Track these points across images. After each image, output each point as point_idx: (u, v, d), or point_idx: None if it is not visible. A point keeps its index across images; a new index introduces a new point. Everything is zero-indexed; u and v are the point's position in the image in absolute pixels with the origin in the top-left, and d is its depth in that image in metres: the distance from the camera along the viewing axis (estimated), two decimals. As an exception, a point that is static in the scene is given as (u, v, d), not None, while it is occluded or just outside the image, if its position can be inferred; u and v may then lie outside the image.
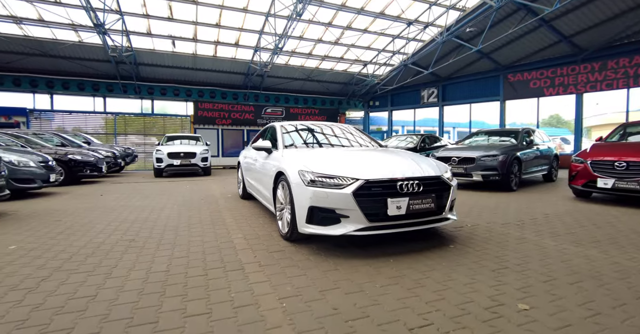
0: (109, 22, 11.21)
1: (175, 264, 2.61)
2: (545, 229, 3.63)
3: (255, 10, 12.17)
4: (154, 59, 14.96)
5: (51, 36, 12.56)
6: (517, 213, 4.52)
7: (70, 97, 15.70)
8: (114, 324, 1.72)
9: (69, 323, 1.74)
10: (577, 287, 2.14)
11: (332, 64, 17.26)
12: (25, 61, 13.58)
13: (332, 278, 2.31)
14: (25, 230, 3.66)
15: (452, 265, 2.55)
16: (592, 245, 3.05)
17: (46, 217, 4.32)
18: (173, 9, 11.78)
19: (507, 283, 2.20)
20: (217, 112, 18.00)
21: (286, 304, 1.92)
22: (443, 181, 3.02)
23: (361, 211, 2.65)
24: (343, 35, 14.33)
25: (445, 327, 1.67)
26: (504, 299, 1.97)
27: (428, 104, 17.87)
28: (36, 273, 2.44)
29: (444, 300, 1.96)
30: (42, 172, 6.22)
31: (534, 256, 2.76)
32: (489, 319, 1.75)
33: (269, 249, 2.96)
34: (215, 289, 2.14)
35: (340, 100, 20.59)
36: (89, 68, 14.59)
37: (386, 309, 1.86)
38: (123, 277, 2.35)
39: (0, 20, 11.48)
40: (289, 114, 19.60)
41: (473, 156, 6.69)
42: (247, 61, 15.63)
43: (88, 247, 3.04)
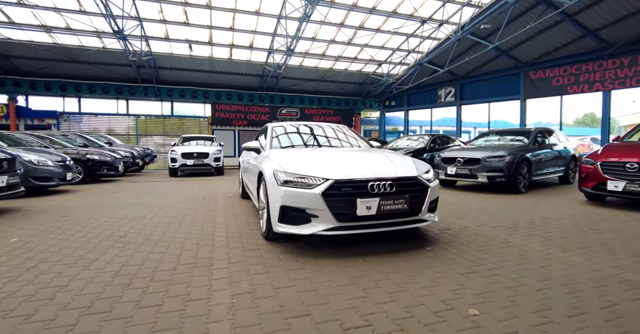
0: (129, 28, 11.76)
1: (151, 259, 2.72)
2: (538, 234, 3.47)
3: (267, 13, 12.35)
4: (172, 63, 15.51)
5: (77, 43, 13.32)
6: (515, 216, 4.35)
7: (96, 100, 16.59)
8: (69, 312, 1.83)
9: (32, 310, 1.86)
10: (542, 294, 2.05)
11: (346, 64, 17.22)
12: (55, 67, 14.48)
13: (292, 277, 2.33)
14: (32, 224, 3.93)
15: (420, 267, 2.51)
16: (581, 251, 2.89)
17: (54, 213, 4.61)
18: (188, 14, 12.18)
19: (469, 288, 2.14)
20: (233, 113, 18.42)
21: (236, 301, 1.96)
22: (420, 182, 2.97)
23: (330, 211, 2.66)
24: (356, 35, 14.27)
25: (382, 329, 1.65)
26: (458, 304, 1.92)
27: (445, 103, 17.44)
28: (24, 263, 2.62)
29: (394, 302, 1.94)
30: (59, 171, 6.62)
31: (512, 260, 2.66)
32: (432, 323, 1.71)
33: (245, 247, 3.02)
34: (177, 283, 2.22)
35: (355, 100, 20.50)
36: (112, 72, 15.35)
37: (331, 308, 1.86)
38: (98, 269, 2.48)
39: (33, 30, 12.32)
40: (304, 115, 19.73)
41: (478, 157, 6.49)
42: (261, 63, 15.89)
43: (79, 241, 3.22)
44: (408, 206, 2.83)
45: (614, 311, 1.82)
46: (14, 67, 14.33)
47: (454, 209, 4.85)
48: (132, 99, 17.02)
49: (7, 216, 4.41)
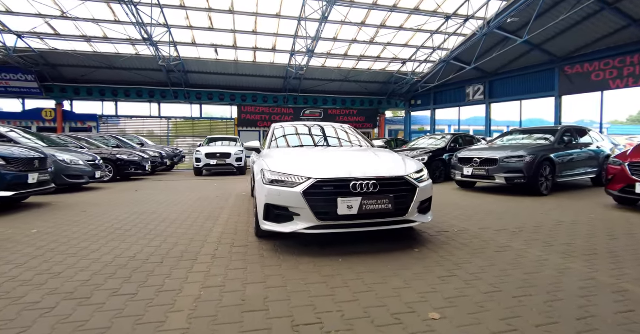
0: (158, 34, 12.42)
1: (144, 251, 2.88)
2: (542, 239, 3.26)
3: (288, 15, 12.53)
4: (200, 67, 16.17)
5: (114, 51, 14.28)
6: (526, 219, 4.10)
7: (131, 103, 17.67)
8: (54, 297, 1.99)
9: (24, 293, 2.04)
10: (517, 301, 1.93)
11: (369, 64, 17.05)
12: (95, 74, 15.63)
13: (267, 273, 2.37)
14: (54, 218, 4.29)
15: (399, 269, 2.45)
16: (583, 258, 2.68)
17: (76, 208, 5.00)
18: (213, 19, 12.65)
19: (441, 292, 2.06)
20: (258, 115, 18.86)
21: (204, 293, 2.04)
22: (407, 182, 2.90)
23: (311, 210, 2.67)
24: (378, 34, 14.09)
25: (332, 327, 1.64)
26: (421, 307, 1.86)
27: (474, 101, 16.74)
28: (35, 252, 2.87)
29: (356, 302, 1.92)
30: (89, 169, 7.15)
31: (500, 265, 2.52)
32: (385, 324, 1.67)
33: (234, 244, 3.11)
34: (157, 274, 2.34)
35: (380, 100, 20.23)
36: (145, 77, 16.28)
37: (291, 305, 1.88)
38: (94, 259, 2.66)
39: (76, 40, 13.38)
40: (327, 115, 19.78)
41: (495, 157, 6.18)
42: (284, 65, 16.14)
43: (88, 234, 3.47)
44: (392, 206, 2.77)
45: (590, 323, 1.68)
46: (60, 75, 15.64)
47: (462, 211, 4.66)
48: (164, 102, 17.93)
49: (36, 210, 4.84)
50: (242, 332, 1.61)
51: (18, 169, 4.66)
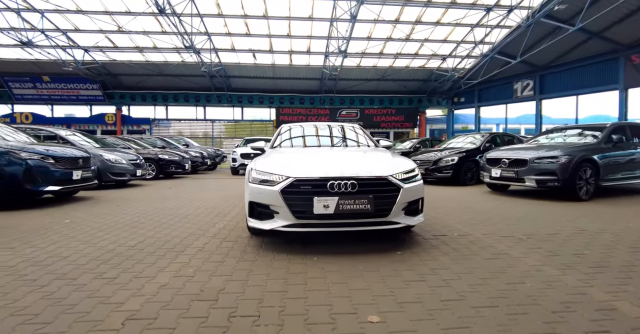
0: (199, 42, 13.30)
1: (145, 242, 3.15)
2: (549, 247, 2.96)
3: (320, 17, 12.68)
4: (240, 71, 16.99)
5: (163, 59, 15.58)
6: (542, 226, 3.75)
7: (180, 107, 19.12)
8: (49, 276, 2.27)
9: (29, 272, 2.37)
10: (475, 311, 1.80)
11: (406, 61, 16.60)
12: (148, 81, 17.17)
13: (238, 267, 2.47)
14: (88, 210, 4.84)
15: (368, 270, 2.40)
16: (586, 271, 2.40)
17: (112, 202, 5.58)
18: (249, 25, 13.24)
19: (397, 296, 1.99)
20: (295, 116, 19.28)
21: (171, 281, 2.19)
22: (390, 182, 2.82)
23: (288, 208, 2.72)
24: (414, 31, 13.66)
25: (266, 321, 1.68)
26: (366, 309, 1.82)
27: (522, 98, 15.47)
28: (57, 238, 3.29)
29: (302, 299, 1.93)
30: (130, 168, 7.92)
31: (482, 274, 2.35)
32: (318, 323, 1.67)
33: (225, 239, 3.27)
34: (143, 263, 2.56)
35: (419, 98, 19.57)
36: (191, 83, 17.51)
37: (240, 298, 1.95)
38: (100, 247, 2.98)
39: (131, 51, 14.85)
40: (364, 115, 19.62)
41: (525, 158, 5.69)
42: (319, 67, 16.33)
43: (107, 225, 3.87)
44: (372, 206, 2.71)
45: (542, 339, 1.52)
46: (119, 83, 17.45)
47: (474, 215, 4.38)
48: (209, 106, 19.13)
49: (79, 203, 5.49)
50: (182, 317, 1.72)
51: (65, 167, 5.33)
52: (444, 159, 8.06)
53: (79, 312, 1.80)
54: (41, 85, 16.62)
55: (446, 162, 8.03)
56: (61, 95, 17.09)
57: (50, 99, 17.33)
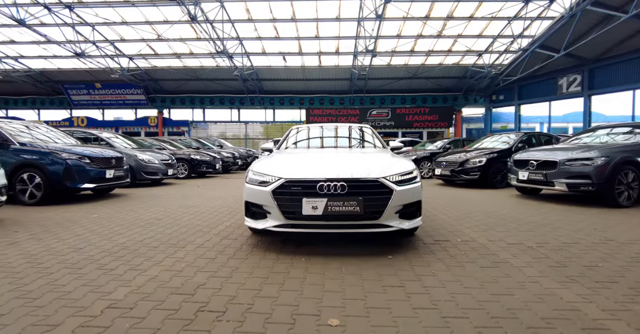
0: (231, 46, 13.84)
1: (153, 238, 3.36)
2: (559, 258, 2.73)
3: (347, 17, 12.64)
4: (271, 74, 17.42)
5: (199, 64, 16.41)
6: (563, 235, 3.46)
7: (216, 110, 20.01)
8: (60, 265, 2.51)
9: (44, 260, 2.64)
10: (445, 322, 1.72)
11: (439, 59, 16.02)
12: (186, 85, 18.18)
13: (227, 264, 2.56)
14: (116, 206, 5.25)
15: (350, 273, 2.38)
16: (590, 285, 2.18)
17: (139, 199, 6.00)
18: (278, 28, 13.54)
19: (368, 301, 1.95)
20: (325, 117, 19.38)
21: (160, 275, 2.33)
22: (382, 184, 2.76)
23: (278, 209, 2.77)
24: (446, 27, 13.16)
25: (229, 317, 1.73)
26: (331, 312, 1.81)
27: (568, 94, 14.26)
28: (80, 231, 3.62)
29: (272, 298, 1.96)
30: (162, 167, 8.44)
31: (470, 283, 2.23)
32: (277, 322, 1.69)
33: (227, 237, 3.39)
34: (143, 256, 2.74)
35: (455, 96, 18.79)
36: (225, 86, 18.26)
37: (216, 294, 2.02)
38: (112, 240, 3.23)
39: (169, 57, 15.82)
40: (395, 115, 19.23)
41: (554, 159, 5.26)
42: (349, 67, 16.27)
43: (127, 220, 4.18)
44: (361, 208, 2.68)
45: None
46: (160, 88, 18.65)
47: (490, 220, 4.14)
48: (242, 108, 19.83)
49: (110, 199, 5.97)
50: (155, 309, 1.83)
51: (99, 166, 5.83)
52: (471, 160, 7.67)
53: (71, 298, 1.98)
54: (94, 91, 18.26)
55: (473, 163, 7.64)
56: (110, 100, 18.65)
57: (102, 104, 18.98)
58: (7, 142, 5.45)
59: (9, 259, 2.68)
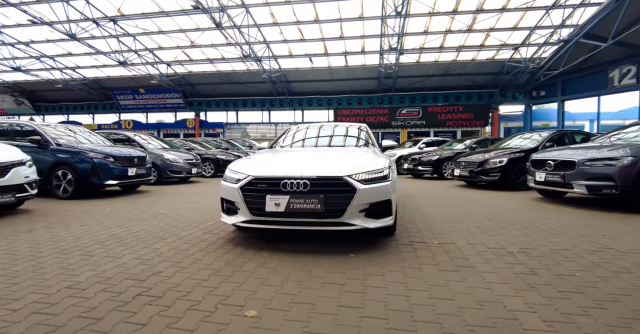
0: (259, 50, 14.30)
1: (147, 231, 3.62)
2: (533, 265, 2.53)
3: (371, 16, 12.50)
4: (299, 76, 17.71)
5: (230, 68, 17.15)
6: (557, 241, 3.18)
7: (248, 112, 20.74)
8: (50, 250, 2.84)
9: (52, 245, 2.99)
10: (359, 320, 1.70)
11: (472, 54, 15.25)
12: (220, 89, 19.08)
13: (193, 256, 2.71)
14: (134, 201, 5.71)
15: (299, 269, 2.40)
16: (551, 295, 2.01)
17: (157, 195, 6.46)
18: (303, 30, 13.74)
19: (299, 296, 1.98)
20: (353, 117, 19.28)
21: (127, 262, 2.53)
22: (346, 183, 2.75)
23: (245, 205, 2.87)
24: (476, 21, 12.50)
25: (157, 302, 1.86)
26: (253, 304, 1.86)
27: (621, 88, 12.85)
28: (90, 223, 4.01)
29: (210, 289, 2.05)
30: (187, 166, 8.98)
31: (416, 286, 2.16)
32: (198, 310, 1.79)
33: (210, 231, 3.56)
34: (126, 246, 2.97)
35: (490, 93, 17.75)
36: (256, 89, 18.88)
37: (164, 281, 2.16)
38: (110, 232, 3.55)
39: (203, 63, 16.72)
40: (427, 113, 18.62)
41: (573, 159, 4.81)
42: (376, 66, 16.06)
43: (135, 214, 4.54)
44: (322, 206, 2.69)
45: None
46: (197, 92, 19.75)
47: (489, 223, 3.91)
48: (273, 110, 20.37)
49: (132, 195, 6.50)
50: (103, 291, 2.01)
51: (122, 165, 6.37)
52: (491, 161, 7.23)
53: (42, 278, 2.24)
54: (138, 96, 19.83)
55: (493, 164, 7.20)
56: (153, 104, 20.14)
57: (145, 108, 20.55)
58: (47, 143, 6.16)
59: (16, 244, 3.06)
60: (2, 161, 4.29)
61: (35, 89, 20.31)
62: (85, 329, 1.61)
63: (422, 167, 10.44)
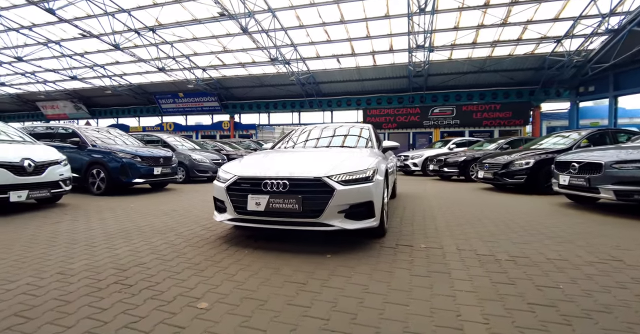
0: (287, 52, 14.60)
1: (152, 225, 3.90)
2: (515, 275, 2.38)
3: (397, 14, 12.26)
4: (328, 77, 17.81)
5: (261, 72, 17.68)
6: (560, 251, 2.95)
7: (279, 113, 21.23)
8: (63, 240, 3.17)
9: (67, 235, 3.35)
10: (299, 319, 1.73)
11: (508, 49, 14.35)
12: (252, 92, 19.73)
13: (181, 250, 2.88)
14: (156, 199, 6.14)
15: (269, 267, 2.47)
16: (514, 306, 1.88)
17: (180, 192, 6.87)
18: (329, 32, 13.81)
19: (255, 292, 2.04)
20: (383, 117, 18.99)
21: (120, 253, 2.76)
22: (323, 183, 2.78)
23: (231, 203, 3.01)
24: (511, 13, 11.76)
25: (129, 290, 2.03)
26: (209, 297, 1.95)
27: (686, 80, 11.37)
28: (108, 217, 4.40)
29: (179, 280, 2.18)
30: (212, 166, 9.44)
31: (377, 289, 2.13)
32: (157, 299, 1.92)
33: (209, 228, 3.75)
34: (126, 239, 3.24)
35: (531, 90, 16.59)
36: (286, 91, 19.27)
37: (142, 271, 2.34)
38: (121, 226, 3.87)
39: (235, 67, 17.40)
40: (461, 112, 17.85)
41: (599, 161, 4.39)
42: (405, 64, 15.70)
43: (151, 210, 4.89)
44: (300, 206, 2.74)
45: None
46: (231, 95, 20.59)
47: (489, 228, 3.71)
48: (302, 111, 20.66)
49: (159, 192, 6.97)
50: (84, 278, 2.22)
51: (148, 164, 6.87)
52: (517, 162, 6.78)
53: (45, 265, 2.52)
54: (178, 100, 21.12)
55: (519, 165, 6.74)
56: (191, 107, 21.34)
57: (184, 111, 21.82)
58: (85, 145, 6.81)
59: (40, 234, 3.45)
60: (40, 160, 4.84)
61: (89, 95, 22.43)
62: (55, 310, 1.81)
63: (448, 168, 10.03)
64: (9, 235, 3.39)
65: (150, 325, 1.66)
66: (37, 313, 1.78)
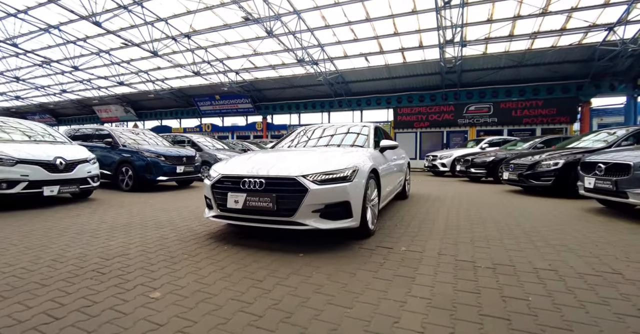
0: (314, 52, 14.71)
1: (158, 219, 4.17)
2: (485, 283, 2.23)
3: (424, 9, 11.84)
4: (356, 76, 17.66)
5: (291, 73, 17.97)
6: (555, 260, 2.70)
7: (310, 114, 21.44)
8: (75, 230, 3.51)
9: (78, 226, 3.70)
10: (240, 315, 1.77)
11: (551, 40, 13.24)
12: (283, 93, 20.11)
13: (168, 244, 3.07)
14: (174, 196, 6.52)
15: (237, 263, 2.54)
16: (462, 317, 1.77)
17: (200, 190, 7.24)
18: (355, 30, 13.69)
19: (211, 286, 2.12)
20: (414, 115, 18.44)
21: (112, 243, 3.00)
22: (297, 183, 2.80)
23: (214, 201, 3.14)
24: (551, 1, 10.84)
25: (101, 278, 2.21)
26: (165, 288, 2.06)
27: None
28: (121, 212, 4.77)
29: (150, 272, 2.33)
30: (235, 165, 9.82)
31: (330, 290, 2.11)
32: (121, 288, 2.07)
33: (205, 224, 3.93)
34: (126, 232, 3.50)
35: (579, 84, 15.16)
36: (315, 91, 19.41)
37: (123, 261, 2.53)
38: (129, 220, 4.19)
39: (266, 69, 17.85)
40: (499, 110, 16.81)
41: (628, 162, 3.93)
42: (436, 60, 15.12)
43: (158, 207, 5.23)
44: (274, 205, 2.79)
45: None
46: (263, 96, 21.18)
47: (488, 233, 3.48)
48: (332, 111, 20.69)
49: (180, 190, 7.40)
50: (73, 265, 2.45)
51: (172, 163, 7.32)
52: (544, 163, 6.26)
53: (45, 252, 2.80)
54: (215, 102, 22.16)
55: (546, 166, 6.21)
56: (227, 109, 22.28)
57: (221, 113, 22.84)
58: (117, 145, 7.43)
59: (57, 225, 3.84)
60: (70, 159, 5.37)
61: (136, 99, 24.29)
62: (30, 292, 2.03)
63: (475, 169, 9.50)
64: (32, 226, 3.81)
65: (98, 310, 1.80)
66: (14, 293, 2.01)
